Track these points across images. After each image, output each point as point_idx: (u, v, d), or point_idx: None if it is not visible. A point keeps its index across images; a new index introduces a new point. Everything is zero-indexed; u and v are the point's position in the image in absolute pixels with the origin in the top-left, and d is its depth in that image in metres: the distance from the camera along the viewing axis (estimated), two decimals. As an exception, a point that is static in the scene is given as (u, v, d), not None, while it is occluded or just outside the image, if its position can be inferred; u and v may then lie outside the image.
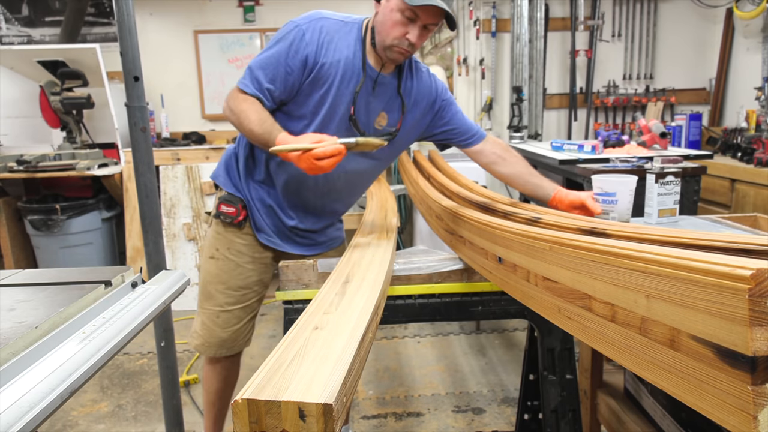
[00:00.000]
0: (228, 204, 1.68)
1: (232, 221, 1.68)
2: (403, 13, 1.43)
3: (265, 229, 1.72)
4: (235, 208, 1.68)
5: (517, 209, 1.40)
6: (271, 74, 1.49)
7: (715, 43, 4.50)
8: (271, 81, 1.50)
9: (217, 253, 1.72)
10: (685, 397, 0.60)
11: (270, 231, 1.73)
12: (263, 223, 1.72)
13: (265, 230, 1.72)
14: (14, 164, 3.56)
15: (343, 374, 0.73)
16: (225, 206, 1.68)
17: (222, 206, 1.69)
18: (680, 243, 0.86)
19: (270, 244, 1.74)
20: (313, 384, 0.70)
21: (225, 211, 1.68)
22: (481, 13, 4.49)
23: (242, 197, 1.70)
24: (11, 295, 0.95)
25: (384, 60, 1.54)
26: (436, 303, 1.53)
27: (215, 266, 1.72)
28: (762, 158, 3.21)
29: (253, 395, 0.67)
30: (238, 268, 1.72)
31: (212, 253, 1.73)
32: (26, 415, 0.62)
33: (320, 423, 0.65)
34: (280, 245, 1.75)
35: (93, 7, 4.42)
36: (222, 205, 1.69)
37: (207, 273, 1.74)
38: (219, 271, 1.72)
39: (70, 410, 2.64)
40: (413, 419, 2.49)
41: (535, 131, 4.41)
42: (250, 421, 0.67)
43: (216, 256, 1.72)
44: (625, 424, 1.72)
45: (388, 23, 1.46)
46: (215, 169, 1.77)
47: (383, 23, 1.47)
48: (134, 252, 3.85)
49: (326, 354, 0.80)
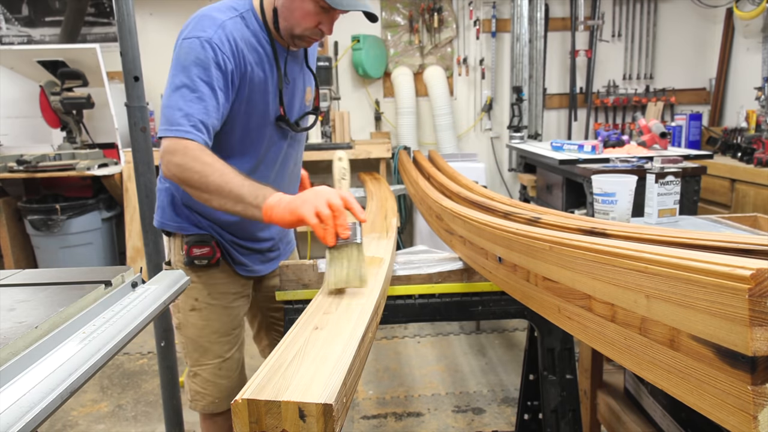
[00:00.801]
0: (200, 245, 1.48)
1: (209, 262, 1.49)
2: (317, 4, 1.30)
3: (241, 260, 1.56)
4: (209, 247, 1.49)
5: (517, 209, 1.40)
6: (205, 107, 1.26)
7: (715, 43, 4.50)
8: (207, 114, 1.27)
9: (198, 303, 1.54)
10: (685, 397, 0.60)
11: (247, 261, 1.58)
12: (237, 254, 1.55)
13: (242, 261, 1.57)
14: (14, 164, 3.56)
15: (343, 374, 0.72)
16: (197, 248, 1.48)
17: (193, 250, 1.48)
18: (680, 243, 0.86)
19: (250, 274, 1.60)
20: (313, 384, 0.70)
21: (198, 254, 1.48)
22: (481, 13, 4.49)
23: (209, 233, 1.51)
24: (11, 295, 0.95)
25: (289, 45, 1.42)
26: (436, 303, 1.53)
27: (201, 317, 1.54)
28: (762, 158, 3.21)
29: (253, 395, 0.67)
30: (226, 310, 1.56)
31: (192, 304, 1.54)
32: (26, 415, 0.62)
33: (320, 423, 0.65)
34: (259, 270, 1.62)
35: (93, 7, 4.42)
36: (193, 249, 1.48)
37: (194, 327, 1.55)
38: (207, 321, 1.55)
39: (70, 410, 2.64)
40: (413, 419, 2.49)
41: (535, 131, 4.41)
42: (250, 421, 0.67)
43: (198, 307, 1.54)
44: (625, 424, 1.72)
45: (297, 12, 1.32)
46: (157, 216, 1.55)
47: (291, 11, 1.32)
48: (134, 252, 3.85)
49: (326, 354, 0.80)
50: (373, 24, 2.03)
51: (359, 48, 4.33)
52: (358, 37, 4.33)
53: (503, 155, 4.68)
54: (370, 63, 4.39)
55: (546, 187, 3.46)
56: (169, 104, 1.27)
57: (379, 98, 4.62)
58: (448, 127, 4.48)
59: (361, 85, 4.60)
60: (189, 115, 1.24)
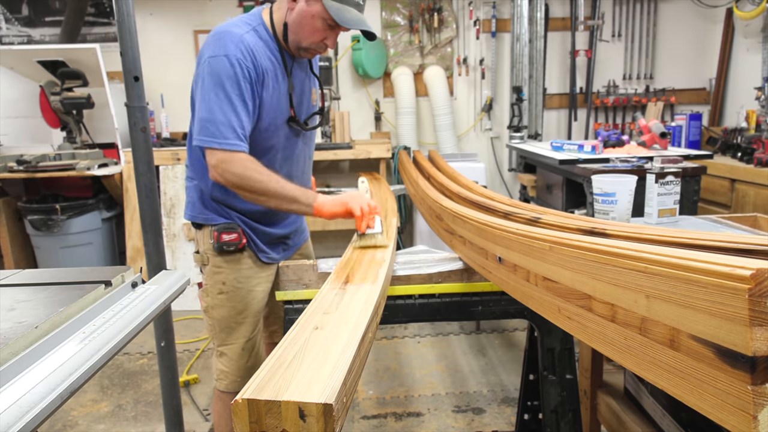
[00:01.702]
0: (228, 231, 1.63)
1: (236, 247, 1.63)
2: (325, 22, 1.48)
3: (263, 248, 1.70)
4: (237, 233, 1.63)
5: (517, 209, 1.40)
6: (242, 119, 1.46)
7: (715, 43, 4.50)
8: (244, 125, 1.47)
9: (225, 287, 1.67)
10: (685, 397, 0.60)
11: (268, 248, 1.71)
12: (260, 241, 1.69)
13: (264, 249, 1.70)
14: (14, 164, 3.56)
15: (343, 374, 0.73)
16: (225, 235, 1.63)
17: (223, 236, 1.62)
18: (680, 243, 0.86)
19: (271, 261, 1.72)
20: (313, 384, 0.70)
21: (227, 240, 1.63)
22: (481, 13, 4.49)
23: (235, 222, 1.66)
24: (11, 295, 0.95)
25: (296, 55, 1.59)
26: (436, 303, 1.53)
27: (228, 300, 1.67)
28: (762, 158, 3.21)
29: (253, 395, 0.67)
30: (250, 294, 1.69)
31: (220, 288, 1.67)
32: (26, 415, 0.62)
33: (320, 423, 0.65)
34: (278, 258, 1.75)
35: (93, 7, 4.42)
36: (223, 235, 1.63)
37: (222, 309, 1.68)
38: (234, 303, 1.67)
39: (70, 410, 2.64)
40: (413, 419, 2.49)
41: (535, 131, 4.41)
42: (250, 421, 0.67)
43: (225, 290, 1.67)
44: (625, 424, 1.72)
45: (306, 28, 1.49)
46: (187, 210, 1.70)
47: (300, 26, 1.50)
48: (134, 252, 3.85)
49: (326, 354, 0.80)
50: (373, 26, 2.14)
51: (359, 48, 4.33)
52: (358, 37, 4.33)
53: (503, 155, 4.68)
54: (370, 63, 4.39)
55: (546, 187, 3.46)
56: (211, 118, 1.45)
57: (379, 98, 4.62)
58: (448, 127, 4.48)
59: (361, 85, 4.60)
60: (233, 129, 1.44)
